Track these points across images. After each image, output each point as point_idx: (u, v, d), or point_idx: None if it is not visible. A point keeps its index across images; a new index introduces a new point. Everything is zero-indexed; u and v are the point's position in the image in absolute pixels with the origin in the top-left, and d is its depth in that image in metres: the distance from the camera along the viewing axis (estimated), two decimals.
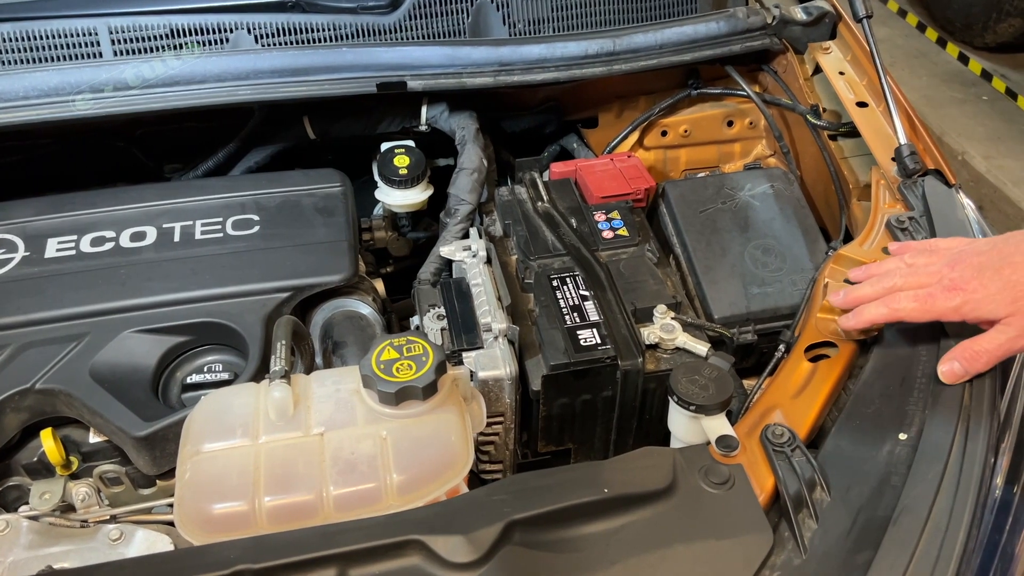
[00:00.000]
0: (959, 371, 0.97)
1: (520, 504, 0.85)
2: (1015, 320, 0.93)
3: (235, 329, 1.12)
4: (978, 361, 0.96)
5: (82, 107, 1.19)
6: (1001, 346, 0.94)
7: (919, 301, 0.98)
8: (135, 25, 1.31)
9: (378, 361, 0.92)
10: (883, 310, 1.01)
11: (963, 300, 0.95)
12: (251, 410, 0.93)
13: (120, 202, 1.26)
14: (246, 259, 1.19)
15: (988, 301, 0.94)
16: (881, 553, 0.84)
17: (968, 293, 0.95)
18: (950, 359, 0.97)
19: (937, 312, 0.97)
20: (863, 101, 1.42)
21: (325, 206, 1.28)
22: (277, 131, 1.49)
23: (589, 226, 1.31)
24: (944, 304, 0.96)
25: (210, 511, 0.86)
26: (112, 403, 1.03)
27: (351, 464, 0.89)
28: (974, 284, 0.95)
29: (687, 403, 0.99)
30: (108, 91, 1.22)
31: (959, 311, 0.96)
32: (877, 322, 1.03)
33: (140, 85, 1.19)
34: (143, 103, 1.23)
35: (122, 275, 1.16)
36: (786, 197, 1.39)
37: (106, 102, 1.23)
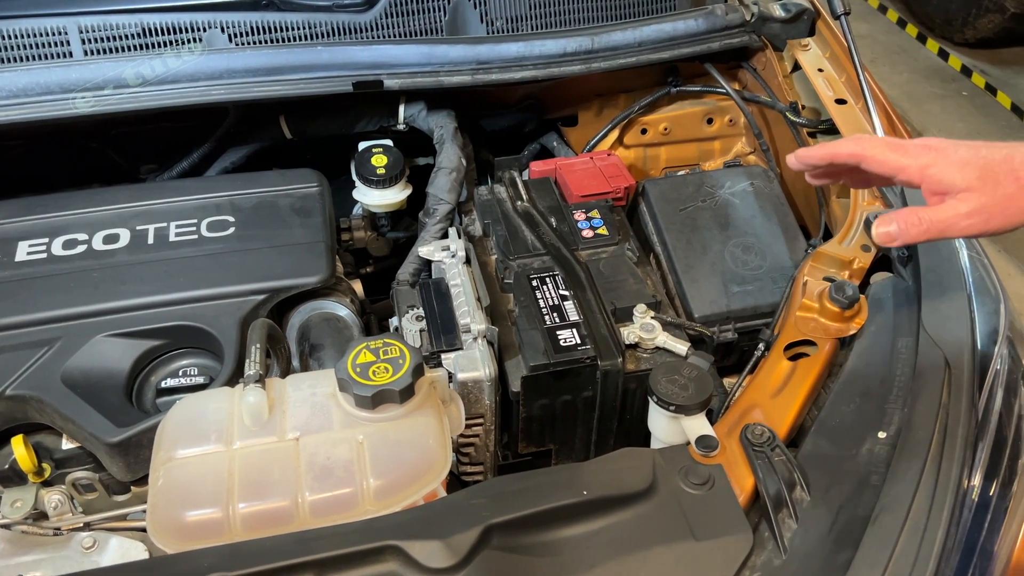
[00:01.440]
0: (894, 233, 0.91)
1: (498, 508, 0.85)
2: (972, 197, 0.87)
3: (210, 332, 1.10)
4: (918, 227, 0.89)
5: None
6: (947, 220, 0.88)
7: (889, 145, 0.93)
8: (106, 24, 1.29)
9: (354, 364, 0.91)
10: (849, 144, 0.95)
11: (932, 160, 0.89)
12: (225, 415, 0.92)
13: (93, 204, 1.24)
14: (221, 261, 1.17)
15: (955, 168, 0.88)
16: (861, 552, 0.84)
17: (940, 155, 0.89)
18: (889, 220, 0.91)
19: (902, 164, 0.91)
20: (842, 98, 1.42)
21: (302, 207, 1.26)
22: (253, 131, 1.48)
23: (569, 225, 1.30)
24: (913, 158, 0.90)
25: (183, 519, 0.84)
26: (84, 409, 1.01)
27: (327, 469, 0.87)
28: (949, 150, 0.89)
29: (667, 403, 0.98)
30: (79, 92, 1.20)
31: (923, 170, 0.89)
32: (838, 153, 0.96)
33: (113, 85, 1.17)
34: (115, 104, 1.21)
35: (95, 278, 1.14)
36: (766, 195, 1.39)
37: (76, 102, 1.21)
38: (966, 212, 0.87)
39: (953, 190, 0.88)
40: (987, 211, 0.87)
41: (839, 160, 0.98)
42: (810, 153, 1.00)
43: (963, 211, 0.87)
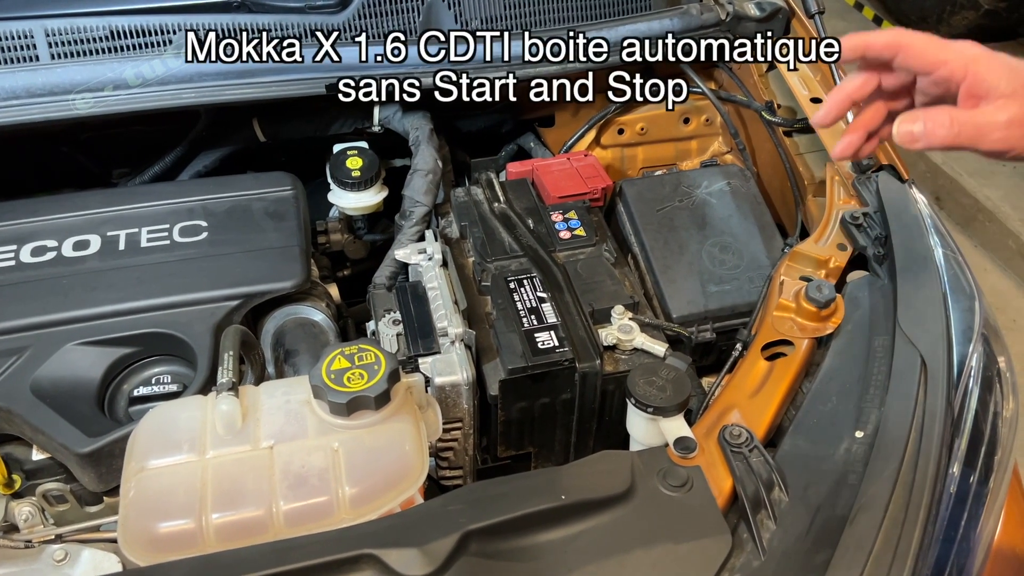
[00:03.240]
0: (918, 132, 0.82)
1: (476, 514, 0.84)
2: (1012, 105, 0.80)
3: (183, 339, 1.09)
4: (948, 128, 0.81)
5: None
6: (981, 126, 0.81)
7: (930, 38, 0.85)
8: (73, 27, 1.26)
9: (328, 371, 0.90)
10: (886, 34, 0.87)
11: (978, 56, 0.82)
12: (198, 424, 0.91)
13: (62, 210, 1.22)
14: (194, 267, 1.16)
15: (1002, 70, 0.81)
16: (839, 552, 0.84)
17: (986, 54, 0.83)
18: (915, 118, 0.83)
19: (945, 56, 0.83)
20: (817, 97, 1.42)
21: (276, 210, 1.25)
22: (226, 134, 1.46)
23: (546, 227, 1.30)
24: (957, 51, 0.83)
25: (156, 530, 0.83)
26: (54, 419, 0.99)
27: (302, 478, 0.86)
28: (993, 54, 0.83)
29: (645, 405, 0.98)
30: (46, 95, 1.18)
31: (968, 65, 0.82)
32: (873, 44, 0.88)
33: (81, 90, 1.15)
34: (85, 109, 1.19)
35: (64, 285, 1.12)
36: (742, 194, 1.39)
37: (44, 107, 1.19)
38: (1004, 121, 0.80)
39: (994, 94, 0.81)
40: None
41: (872, 53, 0.89)
42: (845, 43, 0.91)
43: (1001, 119, 0.80)
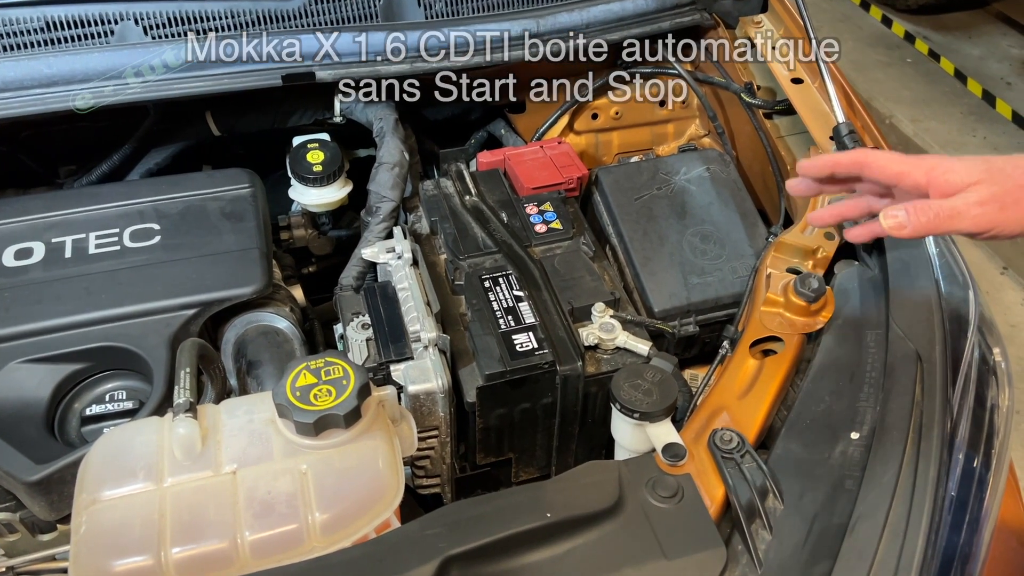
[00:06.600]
0: (903, 220, 0.87)
1: (456, 537, 0.79)
2: (981, 187, 0.85)
3: (137, 353, 1.02)
4: (926, 214, 0.86)
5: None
6: (956, 208, 0.85)
7: (891, 156, 0.91)
8: (5, 19, 1.17)
9: (294, 388, 0.83)
10: (851, 153, 0.95)
11: (936, 163, 0.88)
12: (154, 449, 0.84)
13: (1, 215, 1.14)
14: (146, 274, 1.08)
15: (960, 165, 0.87)
16: (839, 564, 0.80)
17: (943, 159, 0.88)
18: (897, 209, 0.88)
19: (906, 168, 0.89)
20: (798, 78, 1.37)
21: (233, 210, 1.17)
22: (177, 129, 1.38)
23: (521, 220, 1.24)
24: (916, 162, 0.89)
25: (110, 569, 0.77)
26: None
27: (268, 505, 0.80)
28: (952, 157, 0.89)
29: (631, 411, 0.93)
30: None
31: (929, 172, 0.87)
32: (840, 162, 0.96)
33: (13, 87, 1.07)
34: (17, 107, 1.11)
35: (6, 298, 1.04)
36: (723, 180, 1.34)
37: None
38: (976, 200, 0.85)
39: (961, 186, 0.86)
40: (998, 200, 0.84)
41: (840, 171, 0.96)
42: (812, 163, 0.99)
43: (973, 199, 0.85)
